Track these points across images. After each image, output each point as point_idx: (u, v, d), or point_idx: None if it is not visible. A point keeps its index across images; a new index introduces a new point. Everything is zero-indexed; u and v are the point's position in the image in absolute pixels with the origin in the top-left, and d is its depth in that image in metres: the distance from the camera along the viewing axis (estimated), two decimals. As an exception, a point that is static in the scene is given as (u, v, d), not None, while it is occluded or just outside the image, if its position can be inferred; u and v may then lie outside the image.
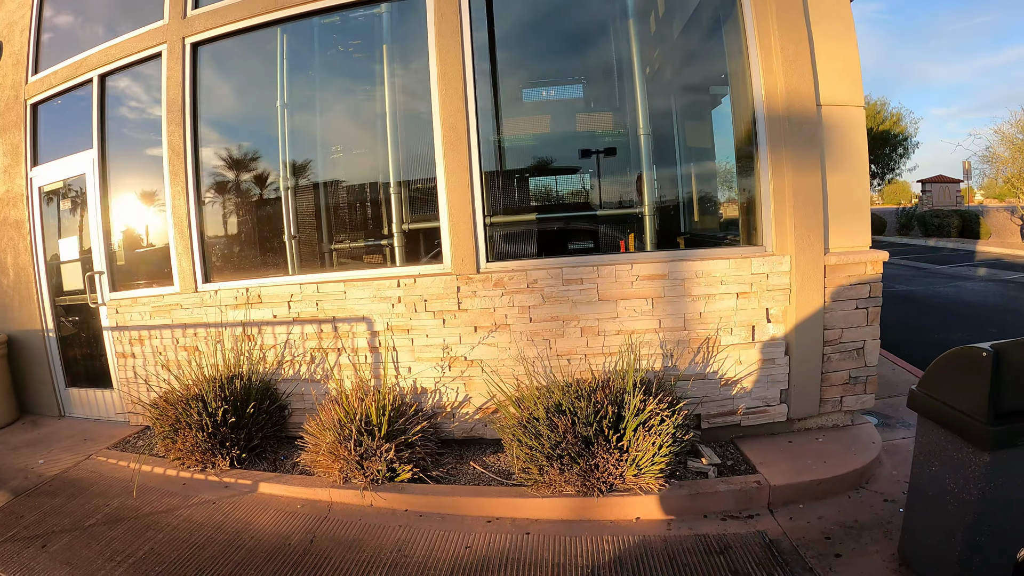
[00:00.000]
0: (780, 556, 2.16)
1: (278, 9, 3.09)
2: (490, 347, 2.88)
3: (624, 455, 2.41)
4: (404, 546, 2.24)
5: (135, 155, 3.42)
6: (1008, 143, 11.89)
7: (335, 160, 3.42)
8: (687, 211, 3.32)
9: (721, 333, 2.79)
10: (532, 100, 3.42)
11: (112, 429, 3.43)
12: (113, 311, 3.36)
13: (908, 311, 6.75)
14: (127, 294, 3.35)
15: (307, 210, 3.31)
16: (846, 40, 2.85)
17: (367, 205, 3.35)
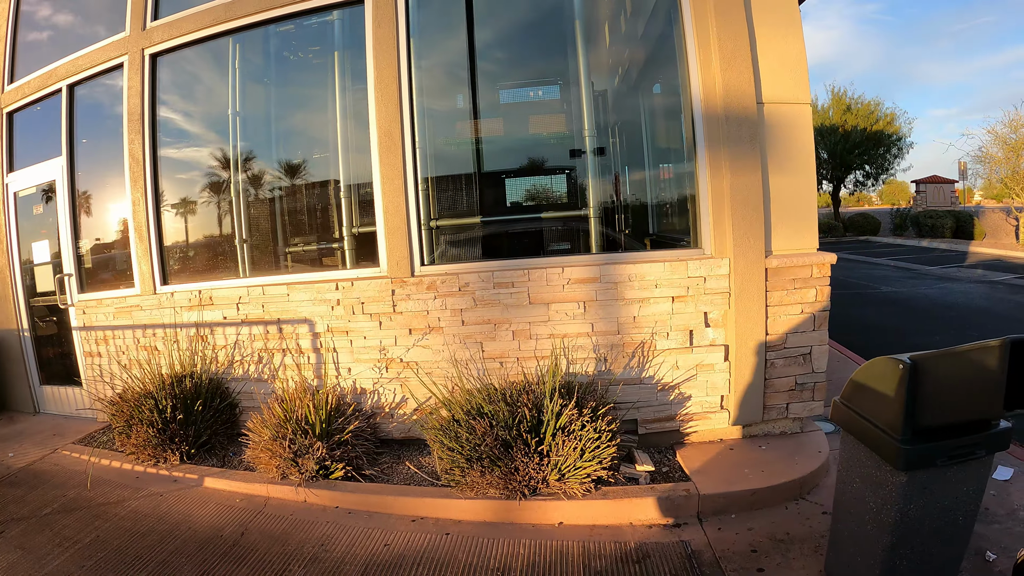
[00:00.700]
0: (699, 568, 1.96)
1: (228, 20, 3.00)
2: (424, 349, 2.73)
3: (545, 460, 2.24)
4: (327, 541, 2.19)
5: (102, 162, 3.38)
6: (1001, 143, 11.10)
7: (289, 165, 3.32)
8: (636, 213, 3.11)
9: (656, 337, 2.57)
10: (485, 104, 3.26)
11: (81, 425, 3.41)
12: (81, 312, 3.33)
13: (889, 313, 6.28)
14: (93, 295, 3.32)
15: (261, 214, 3.22)
16: (791, 35, 2.60)
17: (319, 209, 3.24)
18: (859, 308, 6.67)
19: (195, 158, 3.30)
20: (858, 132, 15.95)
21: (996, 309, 6.32)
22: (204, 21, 3.05)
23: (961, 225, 12.86)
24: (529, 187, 3.07)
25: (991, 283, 8.00)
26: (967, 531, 1.66)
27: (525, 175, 3.09)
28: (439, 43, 3.21)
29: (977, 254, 11.41)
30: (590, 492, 2.26)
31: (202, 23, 3.05)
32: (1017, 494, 2.29)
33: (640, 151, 3.22)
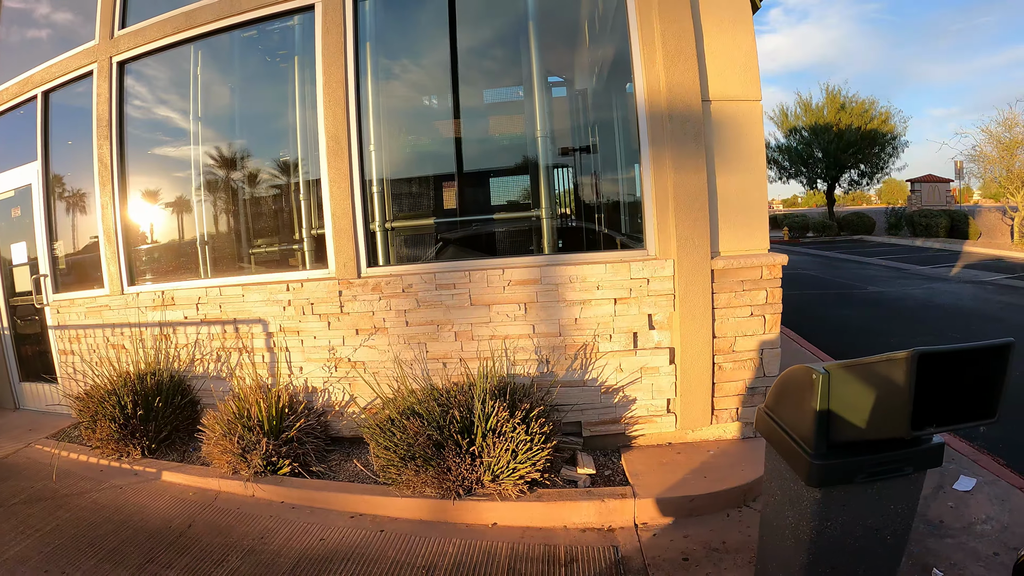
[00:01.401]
0: (625, 575, 1.81)
1: (189, 28, 2.93)
2: (371, 349, 2.63)
3: (477, 461, 2.12)
4: (267, 535, 2.18)
5: (75, 166, 3.36)
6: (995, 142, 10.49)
7: (251, 168, 3.24)
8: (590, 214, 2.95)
9: (599, 339, 2.42)
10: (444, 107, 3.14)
11: (56, 420, 3.41)
12: (55, 311, 3.32)
13: (871, 314, 5.92)
14: (67, 295, 3.31)
15: (224, 217, 3.16)
16: (741, 32, 2.41)
17: (281, 211, 3.16)
18: (841, 308, 6.33)
19: (160, 163, 3.25)
20: (852, 131, 15.30)
21: (983, 310, 5.93)
22: (166, 29, 2.99)
23: (956, 224, 12.25)
24: (485, 188, 2.94)
25: (981, 283, 7.55)
26: (898, 551, 1.48)
27: (481, 177, 2.96)
28: (399, 48, 3.10)
29: (971, 254, 10.84)
30: (524, 494, 2.15)
31: (164, 31, 2.99)
32: (977, 506, 2.09)
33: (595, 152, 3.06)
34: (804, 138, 16.41)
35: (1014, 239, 10.58)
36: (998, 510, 2.06)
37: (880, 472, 1.31)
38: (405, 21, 3.02)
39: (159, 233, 3.24)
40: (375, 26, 2.94)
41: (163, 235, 3.25)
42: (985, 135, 10.82)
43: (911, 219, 13.34)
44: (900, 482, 1.37)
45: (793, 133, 16.80)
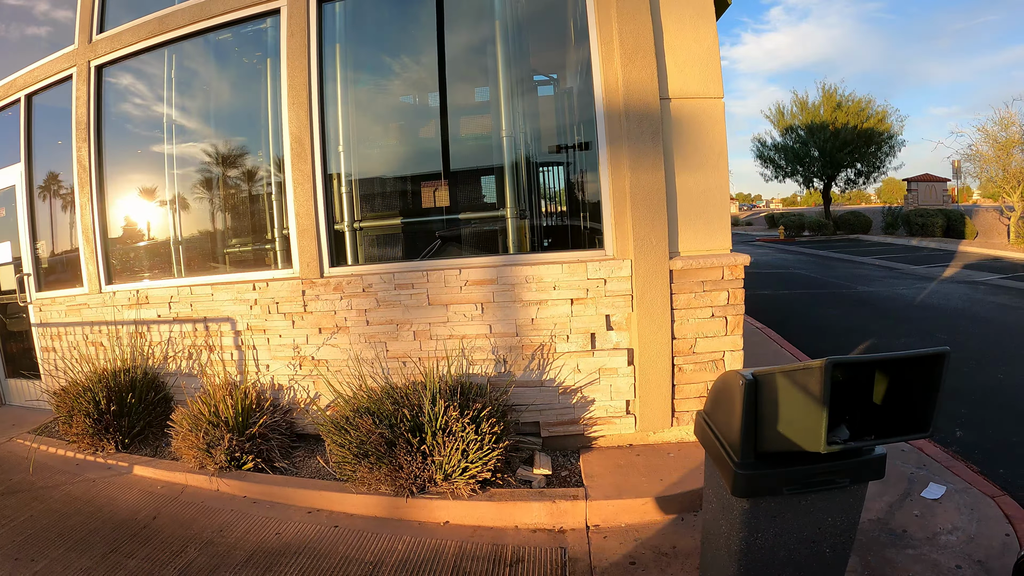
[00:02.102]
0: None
1: (163, 32, 2.90)
2: (333, 348, 2.58)
3: (429, 459, 2.07)
4: (226, 528, 2.18)
5: (58, 167, 3.36)
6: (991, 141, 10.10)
7: (226, 169, 3.21)
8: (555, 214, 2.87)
9: (556, 340, 2.34)
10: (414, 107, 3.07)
11: (38, 416, 3.43)
12: (38, 309, 3.33)
13: (858, 314, 5.69)
14: (49, 294, 3.31)
15: (199, 216, 3.13)
16: (702, 28, 2.30)
17: (254, 212, 3.13)
18: (828, 308, 6.13)
19: (138, 165, 3.23)
20: (848, 130, 14.85)
21: (972, 310, 5.70)
22: (141, 34, 2.96)
23: (952, 224, 11.87)
24: (453, 188, 2.87)
25: (973, 283, 7.28)
26: (839, 564, 1.39)
27: (451, 177, 2.89)
28: (370, 49, 3.04)
29: (966, 254, 10.50)
30: (476, 493, 2.10)
31: (139, 36, 2.96)
32: (944, 516, 1.96)
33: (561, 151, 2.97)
34: (800, 137, 16.00)
35: (1010, 239, 10.22)
36: (966, 520, 1.93)
37: (812, 485, 1.22)
38: (376, 23, 2.96)
39: (136, 233, 3.23)
40: (346, 28, 2.88)
41: (140, 235, 3.24)
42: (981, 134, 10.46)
43: (907, 218, 12.97)
44: (837, 494, 1.28)
45: (789, 132, 16.40)
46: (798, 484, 1.21)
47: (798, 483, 1.21)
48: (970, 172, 11.62)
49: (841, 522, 1.31)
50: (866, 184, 16.32)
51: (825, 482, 1.22)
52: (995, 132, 10.25)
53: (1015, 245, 9.96)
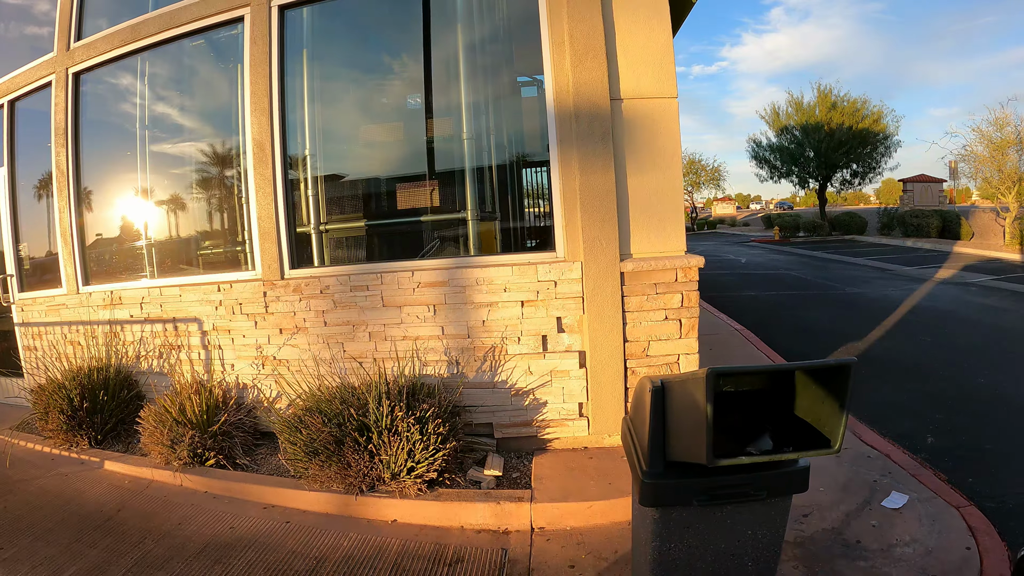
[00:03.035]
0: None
1: (135, 40, 2.91)
2: (293, 348, 2.56)
3: (376, 458, 2.04)
4: (184, 521, 2.21)
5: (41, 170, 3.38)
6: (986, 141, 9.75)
7: (200, 172, 3.21)
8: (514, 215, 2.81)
9: (507, 342, 2.29)
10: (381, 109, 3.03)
11: (20, 412, 3.47)
12: (20, 309, 3.37)
13: (844, 315, 5.51)
14: (30, 294, 3.34)
15: (172, 218, 3.13)
16: (656, 27, 2.23)
17: (226, 213, 3.12)
18: (813, 310, 5.95)
19: (113, 169, 3.24)
20: (843, 130, 14.47)
21: (960, 312, 5.50)
22: (115, 42, 2.97)
23: (948, 225, 11.53)
24: (415, 190, 2.83)
25: (965, 285, 7.06)
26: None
27: (414, 179, 2.85)
28: (337, 54, 3.01)
29: (960, 255, 10.19)
30: (424, 493, 2.07)
31: (113, 44, 2.97)
32: (903, 526, 1.84)
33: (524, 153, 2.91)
34: (796, 137, 15.66)
35: (1006, 240, 9.89)
36: (926, 531, 1.81)
37: (723, 497, 1.15)
38: (344, 28, 2.92)
39: (111, 235, 3.24)
40: (314, 33, 2.85)
41: (115, 237, 3.25)
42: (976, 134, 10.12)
43: (903, 219, 12.63)
44: (757, 507, 1.21)
45: (784, 132, 16.06)
46: (708, 496, 1.14)
47: (708, 495, 1.14)
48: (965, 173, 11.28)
49: (764, 536, 1.24)
50: (862, 184, 15.96)
51: (739, 495, 1.16)
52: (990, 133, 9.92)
53: (1010, 246, 9.65)
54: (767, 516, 1.22)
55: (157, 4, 2.94)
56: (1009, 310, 5.47)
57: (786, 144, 15.95)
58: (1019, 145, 9.65)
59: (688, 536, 1.21)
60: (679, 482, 1.13)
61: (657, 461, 1.16)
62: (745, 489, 1.15)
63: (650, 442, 1.15)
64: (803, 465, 1.18)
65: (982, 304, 5.81)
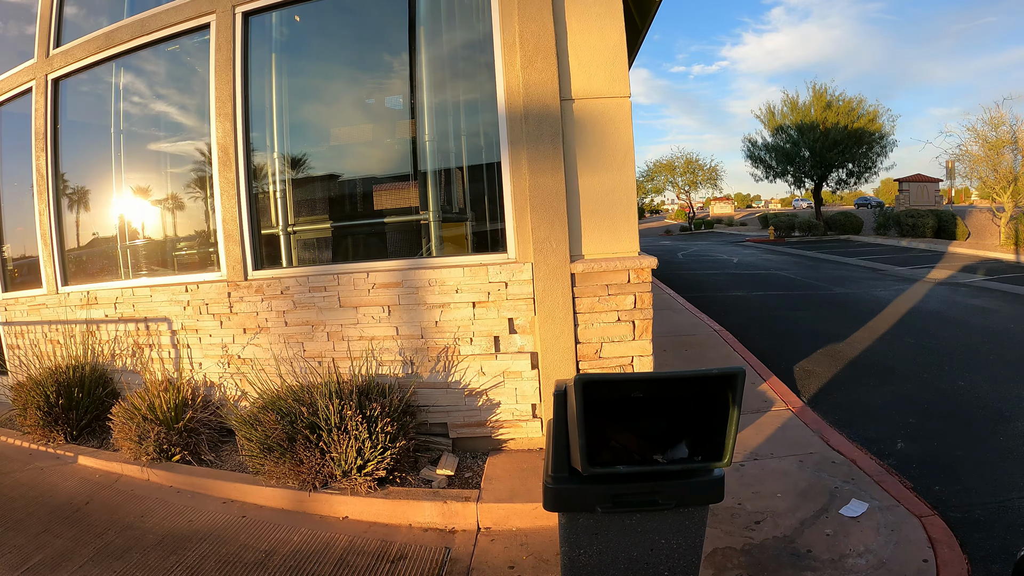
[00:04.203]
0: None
1: (109, 47, 2.94)
2: (256, 347, 2.55)
3: (327, 455, 2.04)
4: (147, 514, 2.24)
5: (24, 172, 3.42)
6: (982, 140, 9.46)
7: (174, 174, 3.22)
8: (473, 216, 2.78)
9: (460, 343, 2.26)
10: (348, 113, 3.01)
11: (2, 409, 3.53)
12: (3, 309, 3.41)
13: (829, 316, 5.35)
14: (14, 294, 3.39)
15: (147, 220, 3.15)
16: (609, 26, 2.18)
17: (199, 216, 3.13)
18: (798, 311, 5.80)
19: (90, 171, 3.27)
20: (838, 130, 14.14)
21: (948, 313, 5.33)
22: (90, 49, 2.99)
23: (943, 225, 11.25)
24: (380, 192, 2.81)
25: (955, 285, 6.86)
26: (681, 586, 1.26)
27: (379, 181, 2.83)
28: (306, 58, 2.99)
29: (954, 255, 9.93)
30: (374, 490, 2.07)
31: (89, 51, 2.99)
32: (859, 535, 1.73)
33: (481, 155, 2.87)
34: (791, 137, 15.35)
35: (1001, 240, 9.62)
36: (882, 541, 1.70)
37: (628, 505, 1.11)
38: (310, 32, 2.91)
39: (89, 236, 3.27)
40: (282, 37, 2.84)
41: (92, 238, 3.28)
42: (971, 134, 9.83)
43: (898, 219, 12.35)
44: (670, 516, 1.16)
45: (780, 132, 15.76)
46: (613, 503, 1.10)
47: (613, 502, 1.10)
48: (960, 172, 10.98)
49: (679, 545, 1.20)
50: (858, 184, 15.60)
51: (646, 503, 1.11)
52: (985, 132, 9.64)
53: (1005, 247, 9.38)
54: (681, 526, 1.18)
55: (133, 11, 2.96)
56: (998, 311, 5.30)
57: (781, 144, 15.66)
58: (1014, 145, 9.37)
59: (597, 543, 1.17)
60: (582, 488, 1.10)
61: (561, 465, 1.13)
62: (652, 498, 1.11)
63: (553, 446, 1.12)
64: (717, 476, 1.14)
65: (971, 305, 5.64)
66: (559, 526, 1.15)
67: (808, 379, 3.46)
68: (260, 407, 2.20)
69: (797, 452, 2.30)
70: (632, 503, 1.10)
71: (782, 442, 2.41)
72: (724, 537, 1.76)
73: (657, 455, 1.11)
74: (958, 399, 2.98)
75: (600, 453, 1.22)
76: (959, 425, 2.62)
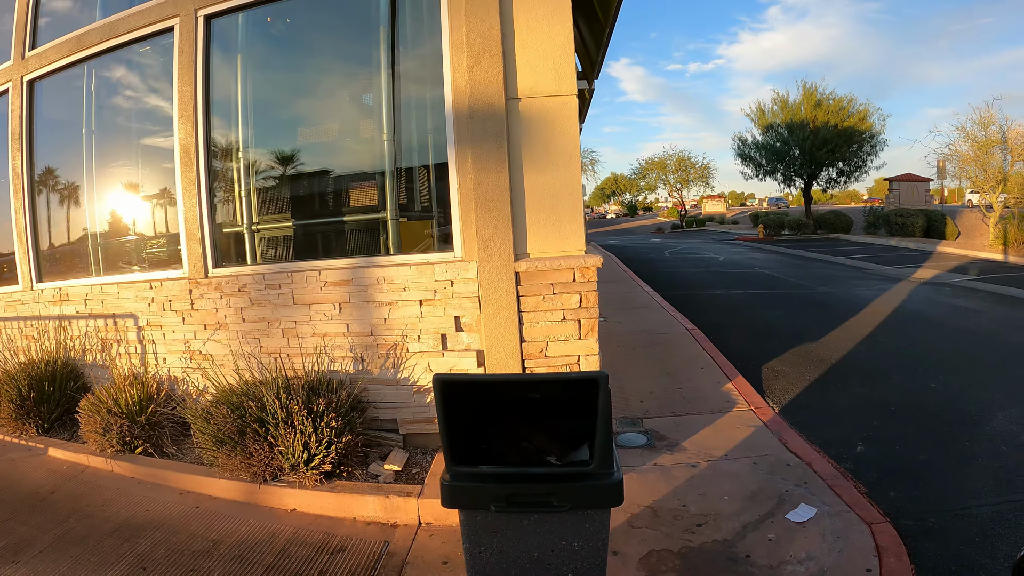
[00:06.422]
0: (377, 570, 1.73)
1: (82, 49, 2.94)
2: (216, 343, 2.55)
3: (275, 449, 2.04)
4: (107, 503, 2.27)
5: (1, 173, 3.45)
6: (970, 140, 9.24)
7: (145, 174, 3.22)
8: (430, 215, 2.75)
9: (408, 340, 2.24)
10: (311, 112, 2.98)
11: None
12: None
13: (808, 316, 5.22)
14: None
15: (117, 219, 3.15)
16: (556, 25, 2.14)
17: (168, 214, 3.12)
18: (775, 310, 5.69)
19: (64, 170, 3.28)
20: (828, 128, 13.89)
21: (928, 313, 5.22)
22: (63, 51, 2.99)
23: (932, 224, 11.05)
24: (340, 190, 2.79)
25: (940, 285, 6.73)
26: (586, 589, 1.23)
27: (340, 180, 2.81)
28: (271, 59, 2.97)
29: (943, 254, 9.76)
30: (321, 484, 2.07)
31: (62, 53, 2.99)
32: (803, 542, 1.66)
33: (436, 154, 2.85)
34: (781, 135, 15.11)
35: (990, 240, 9.42)
36: (826, 548, 1.62)
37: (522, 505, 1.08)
38: (277, 33, 2.89)
39: (64, 234, 3.29)
40: (248, 39, 2.82)
41: (66, 236, 3.30)
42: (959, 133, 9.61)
43: (887, 218, 12.14)
44: (569, 518, 1.12)
45: (770, 130, 15.53)
46: (506, 502, 1.08)
47: (506, 501, 1.08)
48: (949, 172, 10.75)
49: (580, 547, 1.16)
50: (848, 183, 15.37)
51: (540, 504, 1.08)
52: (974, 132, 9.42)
53: (993, 246, 9.19)
54: (581, 528, 1.14)
55: (105, 14, 2.96)
56: (980, 311, 5.16)
57: (771, 142, 15.44)
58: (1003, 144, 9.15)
59: (497, 541, 1.15)
60: (476, 486, 1.07)
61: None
62: (546, 499, 1.08)
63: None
64: (616, 479, 1.10)
65: (953, 305, 5.51)
66: (460, 523, 1.13)
67: (776, 379, 3.38)
68: (212, 401, 2.20)
69: (752, 454, 2.24)
70: (526, 503, 1.08)
71: (739, 443, 2.35)
72: (663, 539, 1.72)
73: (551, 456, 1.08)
74: (928, 402, 2.86)
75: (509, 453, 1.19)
76: (925, 428, 2.52)
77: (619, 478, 1.10)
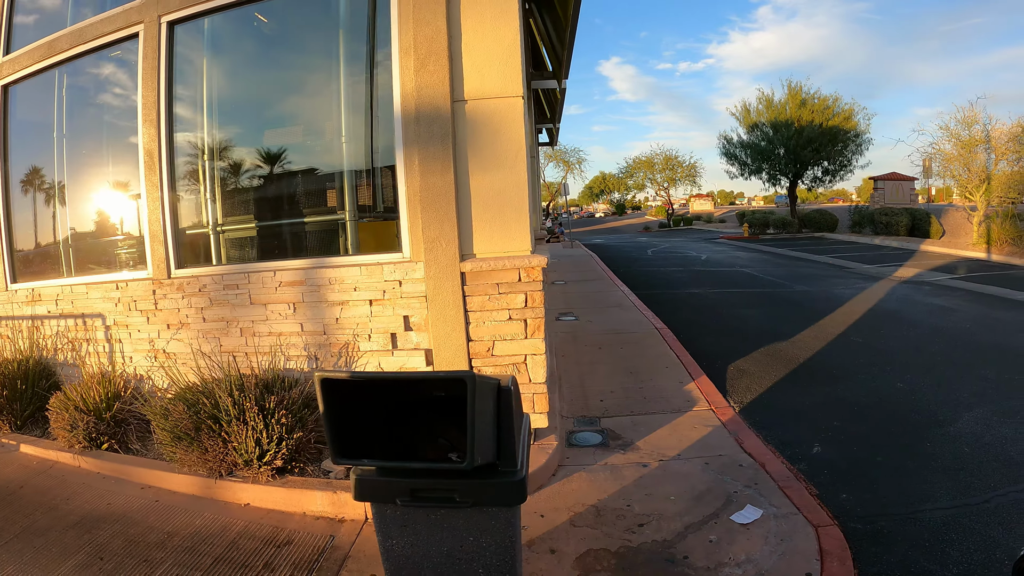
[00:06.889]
0: (321, 562, 1.78)
1: (52, 55, 2.99)
2: (179, 342, 2.60)
3: (229, 445, 2.09)
4: (72, 497, 2.31)
5: None
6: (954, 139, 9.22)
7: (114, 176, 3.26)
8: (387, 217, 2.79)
9: (359, 339, 2.28)
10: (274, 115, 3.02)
11: None
12: None
13: (782, 314, 5.17)
14: None
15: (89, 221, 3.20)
16: (503, 27, 2.17)
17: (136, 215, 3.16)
18: (752, 308, 5.62)
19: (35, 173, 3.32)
20: (813, 128, 13.84)
21: (904, 312, 5.19)
22: (35, 57, 3.03)
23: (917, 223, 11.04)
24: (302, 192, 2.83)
25: (918, 284, 6.72)
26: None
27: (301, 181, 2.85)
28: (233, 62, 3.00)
29: (926, 253, 9.75)
30: (274, 479, 2.12)
31: (34, 58, 3.04)
32: (744, 544, 1.63)
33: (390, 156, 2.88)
34: (766, 134, 15.05)
35: (974, 239, 9.42)
36: (767, 551, 1.59)
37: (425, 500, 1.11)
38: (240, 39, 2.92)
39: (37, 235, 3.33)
40: (214, 43, 2.85)
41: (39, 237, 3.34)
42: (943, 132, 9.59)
43: (872, 217, 12.13)
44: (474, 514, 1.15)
45: (755, 129, 15.48)
46: (410, 497, 1.11)
47: (409, 496, 1.11)
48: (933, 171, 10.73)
49: (488, 544, 1.18)
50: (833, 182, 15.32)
51: (442, 499, 1.11)
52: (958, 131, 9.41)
53: (977, 245, 9.19)
54: (487, 525, 1.16)
55: (75, 20, 2.99)
56: (957, 310, 5.13)
57: (757, 141, 15.38)
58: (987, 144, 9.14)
59: (407, 534, 1.18)
60: (383, 480, 1.11)
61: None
62: (448, 495, 1.11)
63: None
64: (518, 478, 1.13)
65: (930, 304, 5.45)
66: (372, 516, 1.16)
67: (740, 379, 3.34)
68: (171, 399, 2.25)
69: (706, 454, 2.21)
70: (429, 499, 1.11)
71: (694, 443, 2.32)
72: (602, 539, 1.71)
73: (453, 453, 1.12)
74: (893, 401, 2.78)
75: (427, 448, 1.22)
76: (887, 429, 2.44)
77: (522, 476, 1.12)
